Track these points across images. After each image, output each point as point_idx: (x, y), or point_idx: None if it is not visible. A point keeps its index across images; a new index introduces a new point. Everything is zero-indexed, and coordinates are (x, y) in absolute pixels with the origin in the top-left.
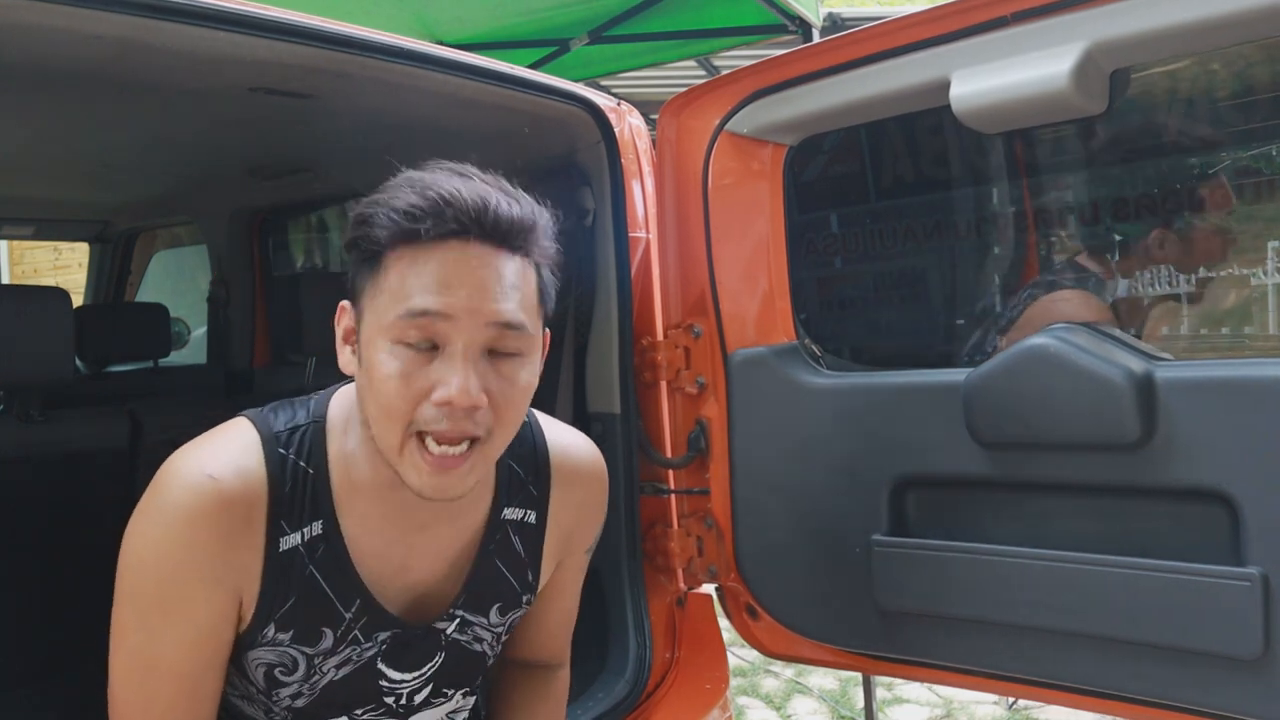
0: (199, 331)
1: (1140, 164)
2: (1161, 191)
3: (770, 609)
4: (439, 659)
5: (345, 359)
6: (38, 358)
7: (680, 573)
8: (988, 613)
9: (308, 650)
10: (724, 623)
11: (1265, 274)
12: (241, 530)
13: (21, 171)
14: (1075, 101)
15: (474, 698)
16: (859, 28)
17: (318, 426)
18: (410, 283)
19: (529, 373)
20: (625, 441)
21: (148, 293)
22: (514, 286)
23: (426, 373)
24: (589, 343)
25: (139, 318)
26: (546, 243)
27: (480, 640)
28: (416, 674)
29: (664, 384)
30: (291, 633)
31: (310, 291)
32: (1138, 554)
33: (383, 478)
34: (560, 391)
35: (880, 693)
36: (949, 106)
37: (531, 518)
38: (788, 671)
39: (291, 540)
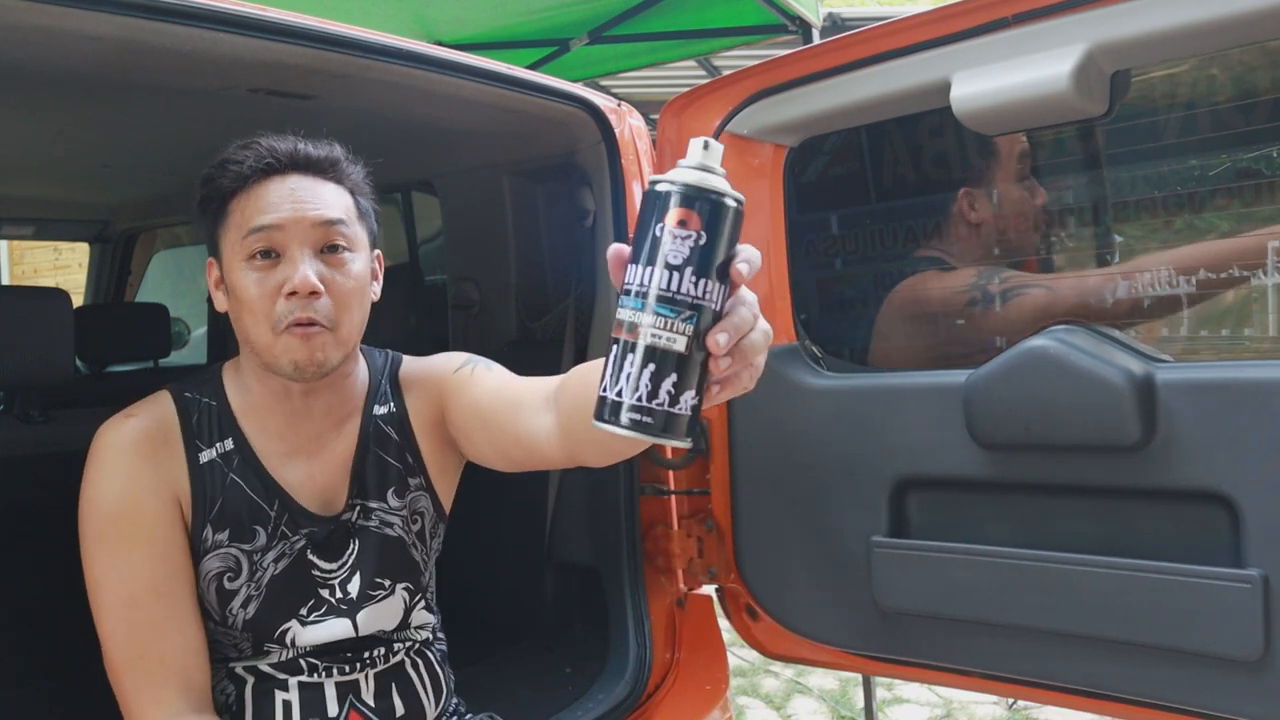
0: (199, 331)
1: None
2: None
3: (770, 610)
4: (354, 545)
5: (219, 301)
6: (38, 358)
7: (680, 574)
8: (987, 614)
9: (246, 547)
10: (724, 623)
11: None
12: (163, 450)
13: (21, 171)
14: (1076, 103)
15: (421, 599)
16: (860, 28)
17: (214, 373)
18: (249, 212)
19: (359, 265)
20: None
21: (148, 293)
22: (330, 197)
23: (274, 275)
24: (589, 343)
25: (139, 318)
26: (354, 173)
27: (389, 525)
28: (340, 562)
29: None
30: (228, 531)
31: None
32: (1138, 556)
33: (273, 391)
34: None
35: (880, 693)
36: (950, 108)
37: (393, 409)
38: (788, 671)
39: (209, 454)
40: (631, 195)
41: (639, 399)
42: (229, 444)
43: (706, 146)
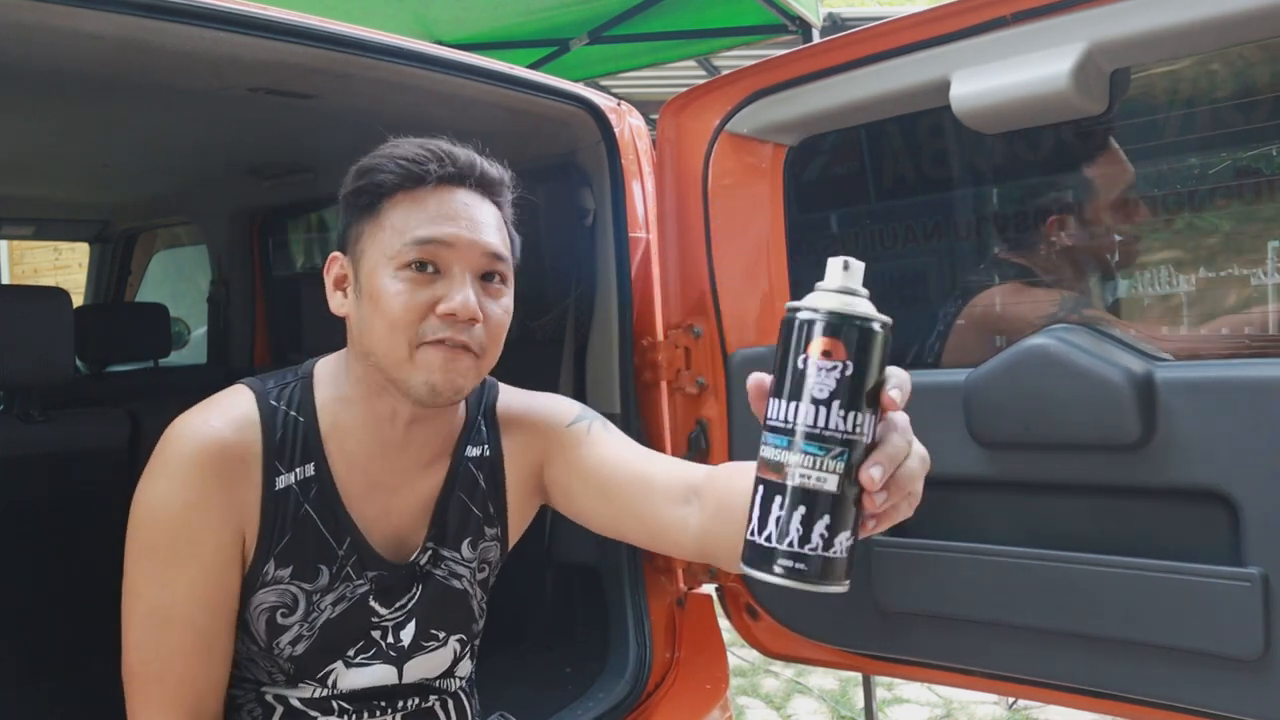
0: (199, 331)
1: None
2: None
3: (770, 609)
4: (416, 591)
5: (337, 303)
6: (38, 358)
7: (680, 573)
8: (987, 613)
9: (306, 586)
10: (724, 623)
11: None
12: (240, 472)
13: (21, 171)
14: (1075, 102)
15: (470, 649)
16: (859, 28)
17: (305, 382)
18: (414, 218)
19: (509, 300)
20: None
21: (148, 293)
22: (497, 226)
23: (430, 290)
24: (589, 343)
25: (139, 318)
26: (508, 202)
27: (458, 576)
28: (397, 606)
29: (664, 384)
30: (291, 568)
31: (310, 291)
32: (1138, 555)
33: (377, 413)
34: (560, 391)
35: (880, 693)
36: (949, 107)
37: (487, 451)
38: (788, 671)
39: (286, 480)
40: (631, 195)
41: (790, 544)
42: (310, 469)
43: (846, 267)
